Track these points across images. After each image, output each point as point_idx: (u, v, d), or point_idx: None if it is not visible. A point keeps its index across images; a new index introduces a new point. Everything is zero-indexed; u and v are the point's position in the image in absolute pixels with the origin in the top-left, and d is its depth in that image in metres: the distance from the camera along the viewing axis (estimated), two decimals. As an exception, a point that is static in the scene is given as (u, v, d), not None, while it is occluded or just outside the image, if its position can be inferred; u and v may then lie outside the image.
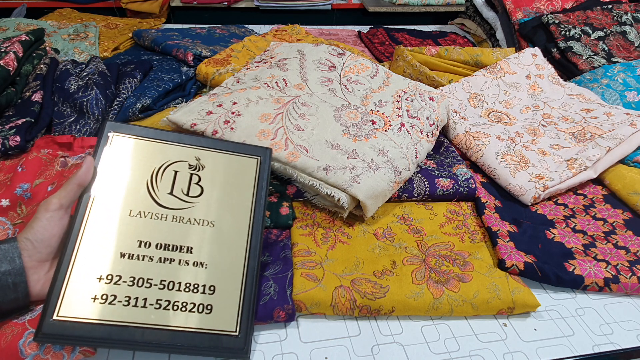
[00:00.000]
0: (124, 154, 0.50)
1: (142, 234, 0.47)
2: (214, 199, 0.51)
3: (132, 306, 0.43)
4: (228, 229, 0.50)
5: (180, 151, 0.52)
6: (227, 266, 0.48)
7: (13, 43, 0.81)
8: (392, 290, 0.54)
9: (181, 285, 0.45)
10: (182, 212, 0.49)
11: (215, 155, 0.53)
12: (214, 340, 0.44)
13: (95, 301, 0.42)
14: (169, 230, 0.48)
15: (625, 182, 0.73)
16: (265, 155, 0.55)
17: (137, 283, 0.44)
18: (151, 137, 0.52)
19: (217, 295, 0.46)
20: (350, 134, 0.66)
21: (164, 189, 0.49)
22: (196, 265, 0.47)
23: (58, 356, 0.44)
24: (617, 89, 0.93)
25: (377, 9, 1.86)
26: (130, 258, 0.45)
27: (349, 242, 0.61)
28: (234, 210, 0.51)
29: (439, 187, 0.68)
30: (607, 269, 0.59)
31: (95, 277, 0.43)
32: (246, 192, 0.52)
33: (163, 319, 0.44)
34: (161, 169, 0.50)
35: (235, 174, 0.53)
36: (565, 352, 0.51)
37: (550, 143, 0.80)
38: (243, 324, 0.46)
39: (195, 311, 0.45)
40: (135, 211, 0.47)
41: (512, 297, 0.54)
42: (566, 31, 1.10)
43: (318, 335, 0.51)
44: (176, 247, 0.47)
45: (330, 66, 0.78)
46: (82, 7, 1.51)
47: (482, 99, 0.91)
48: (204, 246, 0.48)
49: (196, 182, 0.51)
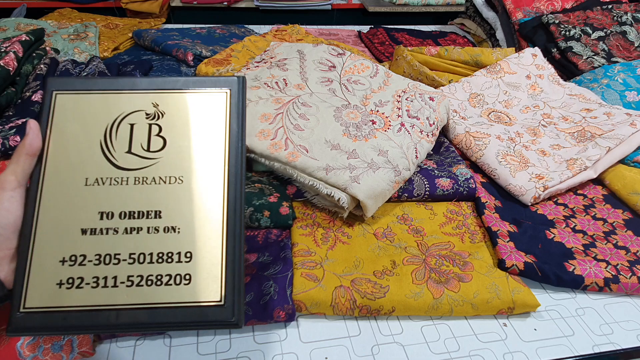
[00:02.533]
0: (71, 113, 0.44)
1: (102, 204, 0.41)
2: (180, 149, 0.44)
3: (101, 287, 0.39)
4: (199, 183, 0.43)
5: (134, 99, 0.45)
6: (203, 227, 0.42)
7: (13, 43, 0.81)
8: (392, 290, 0.54)
9: (153, 256, 0.40)
10: (144, 171, 0.43)
11: (176, 97, 0.46)
12: (198, 313, 0.40)
13: (62, 287, 0.39)
14: (132, 195, 0.42)
15: (625, 182, 0.73)
16: (236, 86, 0.47)
17: (103, 261, 0.40)
18: (99, 89, 0.45)
19: (195, 262, 0.41)
20: (350, 134, 0.66)
21: (121, 148, 0.43)
22: (167, 230, 0.41)
23: (57, 357, 0.44)
24: (617, 89, 0.93)
25: (377, 9, 1.86)
26: (93, 233, 0.40)
27: (349, 242, 0.61)
28: (204, 160, 0.44)
29: (439, 187, 0.68)
30: (607, 269, 0.59)
31: (57, 260, 0.39)
32: (217, 134, 0.45)
33: (138, 296, 0.39)
34: (115, 125, 0.44)
35: (201, 116, 0.45)
36: (565, 352, 0.51)
37: (550, 143, 0.80)
38: (229, 292, 0.40)
39: (172, 283, 0.40)
40: (91, 179, 0.42)
41: (512, 297, 0.54)
42: (566, 31, 1.10)
43: (318, 335, 0.51)
44: (142, 214, 0.41)
45: (330, 66, 0.78)
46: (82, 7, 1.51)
47: (482, 99, 0.91)
48: (174, 207, 0.42)
49: (156, 133, 0.44)
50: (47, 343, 0.45)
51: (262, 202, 0.61)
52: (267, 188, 0.64)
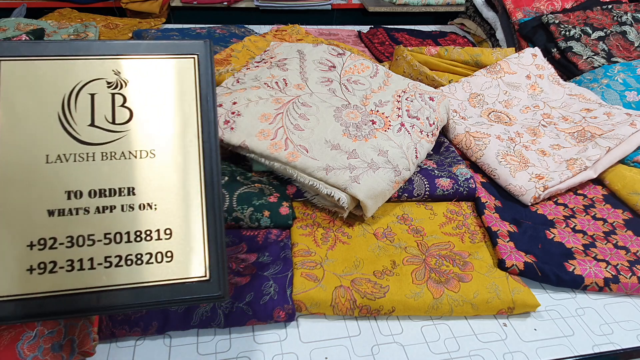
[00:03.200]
0: (21, 82, 0.39)
1: (68, 182, 0.38)
2: (148, 121, 0.41)
3: (77, 270, 0.37)
4: (173, 155, 0.41)
5: (92, 66, 0.41)
6: (181, 202, 0.40)
7: (13, 43, 0.81)
8: (392, 290, 0.54)
9: (130, 235, 0.38)
10: (111, 145, 0.40)
11: (139, 64, 0.42)
12: (184, 289, 0.38)
13: (33, 272, 0.37)
14: (100, 172, 0.39)
15: (625, 182, 0.73)
16: (204, 51, 0.44)
17: (76, 242, 0.37)
18: (51, 54, 0.40)
19: (175, 238, 0.39)
20: (350, 134, 0.66)
21: (82, 121, 0.40)
22: (143, 208, 0.39)
23: (57, 357, 0.44)
24: (617, 89, 0.93)
25: (377, 9, 1.86)
26: (62, 214, 0.38)
27: (349, 242, 0.61)
28: (175, 132, 0.41)
29: (439, 187, 0.68)
30: (607, 269, 0.59)
31: (24, 245, 0.37)
32: (187, 104, 0.42)
33: (118, 277, 0.38)
34: (72, 95, 0.40)
35: (168, 84, 0.42)
36: (565, 352, 0.51)
37: (550, 143, 0.80)
38: (213, 266, 0.39)
39: (153, 262, 0.38)
40: (53, 155, 0.38)
41: (512, 297, 0.54)
42: (566, 31, 1.10)
43: (318, 335, 0.51)
44: (114, 191, 0.39)
45: (330, 66, 0.78)
46: (82, 7, 1.51)
47: (482, 99, 0.91)
48: (148, 183, 0.40)
49: (121, 103, 0.41)
50: (47, 343, 0.45)
51: (262, 202, 0.61)
52: (267, 188, 0.64)
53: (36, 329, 0.45)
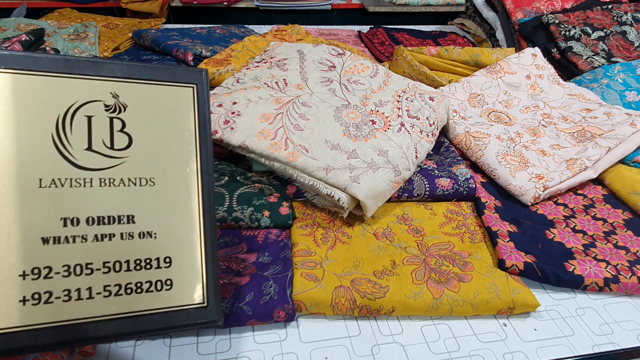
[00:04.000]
0: (11, 97, 0.36)
1: (64, 209, 0.36)
2: (148, 148, 0.40)
3: (75, 300, 0.36)
4: (173, 184, 0.40)
5: (89, 86, 0.39)
6: (180, 230, 0.40)
7: (13, 43, 0.81)
8: (392, 290, 0.54)
9: (129, 263, 0.38)
10: (110, 171, 0.38)
11: (138, 89, 0.41)
12: (182, 317, 0.39)
13: (27, 304, 0.35)
14: (98, 199, 0.38)
15: (625, 182, 0.73)
16: (202, 81, 0.43)
17: (73, 272, 0.36)
18: (45, 70, 0.38)
19: (175, 267, 0.39)
20: (350, 134, 0.66)
21: (79, 144, 0.38)
22: (143, 236, 0.39)
23: (57, 357, 0.44)
24: (617, 89, 0.93)
25: (377, 9, 1.86)
26: (57, 242, 0.36)
27: (349, 242, 0.61)
28: (175, 160, 0.41)
29: (439, 187, 0.68)
30: (607, 269, 0.59)
31: (16, 274, 0.35)
32: (186, 133, 0.42)
33: (118, 306, 0.37)
34: (68, 116, 0.38)
35: (168, 111, 0.41)
36: (565, 352, 0.51)
37: (550, 143, 0.80)
38: (210, 293, 0.40)
39: (153, 290, 0.38)
40: (46, 180, 0.36)
41: (512, 297, 0.54)
42: (566, 31, 1.10)
43: (318, 335, 0.51)
44: (113, 219, 0.38)
45: (330, 66, 0.78)
46: (82, 7, 1.51)
47: (482, 99, 0.91)
48: (148, 211, 0.39)
49: (120, 128, 0.39)
50: (47, 343, 0.45)
51: (262, 202, 0.61)
52: (267, 188, 0.64)
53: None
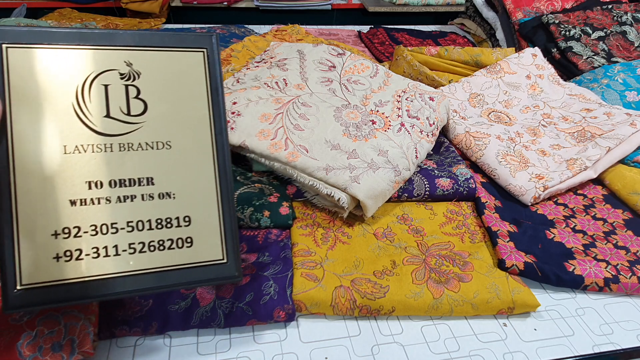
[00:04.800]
0: (30, 71, 0.38)
1: (88, 173, 0.39)
2: (162, 113, 0.42)
3: (103, 257, 0.38)
4: (188, 147, 0.42)
5: (104, 57, 0.40)
6: (198, 191, 0.42)
7: (13, 43, 0.81)
8: (392, 290, 0.54)
9: (151, 222, 0.40)
10: (128, 137, 0.40)
11: (151, 56, 0.42)
12: (203, 272, 0.41)
13: (60, 260, 0.37)
14: (119, 163, 0.40)
15: (625, 182, 0.73)
16: (212, 45, 0.44)
17: (100, 231, 0.39)
18: (61, 43, 0.39)
19: (194, 225, 0.41)
20: (350, 134, 0.66)
21: (98, 112, 0.40)
22: (162, 197, 0.41)
23: (57, 357, 0.44)
24: (617, 89, 0.93)
25: (377, 9, 1.86)
26: (84, 204, 0.38)
27: (349, 242, 0.61)
28: (189, 124, 0.43)
29: (439, 187, 0.68)
30: (607, 269, 0.59)
31: (49, 234, 0.37)
32: (198, 97, 0.43)
33: (143, 262, 0.39)
34: (86, 85, 0.40)
35: (180, 77, 0.43)
36: (565, 352, 0.51)
37: (550, 143, 0.80)
38: (229, 249, 0.42)
39: (175, 247, 0.41)
40: (70, 146, 0.39)
41: (512, 297, 0.54)
42: (566, 31, 1.10)
43: (318, 335, 0.51)
44: (134, 181, 0.40)
45: (330, 66, 0.78)
46: (82, 7, 1.51)
47: (482, 99, 0.91)
48: (166, 173, 0.41)
49: (135, 95, 0.41)
50: (47, 343, 0.45)
51: (262, 202, 0.61)
52: (267, 188, 0.64)
53: (36, 329, 0.45)
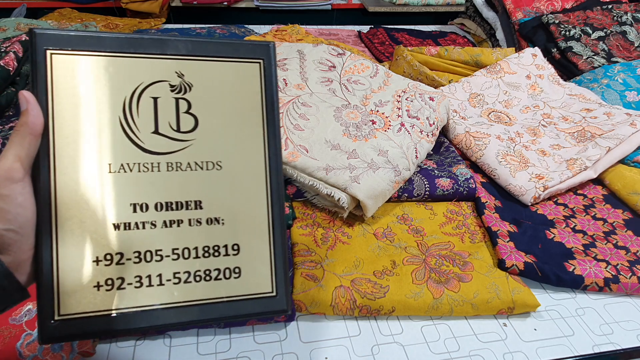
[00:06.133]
0: (75, 80, 0.35)
1: (133, 194, 0.36)
2: (214, 130, 0.38)
3: (146, 286, 0.35)
4: (240, 168, 0.38)
5: (154, 66, 0.37)
6: (248, 217, 0.38)
7: (13, 43, 0.81)
8: (392, 290, 0.54)
9: (198, 250, 0.37)
10: (176, 155, 0.37)
11: (203, 66, 0.39)
12: (251, 306, 0.37)
13: (100, 289, 0.34)
14: (166, 184, 0.37)
15: (625, 182, 0.73)
16: (269, 56, 0.40)
17: (144, 258, 0.36)
18: (109, 50, 0.36)
19: (243, 254, 0.38)
20: (350, 134, 0.66)
21: (146, 127, 0.36)
22: (210, 222, 0.37)
23: (57, 357, 0.44)
24: (617, 89, 0.93)
25: (377, 9, 1.86)
26: (128, 228, 0.35)
27: (349, 242, 0.61)
28: (242, 142, 0.39)
29: (439, 187, 0.68)
30: (607, 269, 0.59)
31: (90, 260, 0.35)
32: (253, 113, 0.39)
33: (187, 294, 0.36)
34: (134, 98, 0.37)
35: (234, 90, 0.39)
36: (565, 352, 0.51)
37: (550, 143, 0.80)
38: (279, 281, 0.38)
39: (222, 278, 0.37)
40: (115, 165, 0.35)
41: (512, 297, 0.54)
42: (566, 31, 1.10)
43: (318, 335, 0.51)
44: (181, 205, 0.37)
45: (330, 66, 0.78)
46: (82, 7, 1.51)
47: (482, 99, 0.91)
48: (215, 196, 0.38)
49: (185, 110, 0.38)
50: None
51: (262, 202, 0.61)
52: (267, 188, 0.64)
53: (36, 329, 0.45)
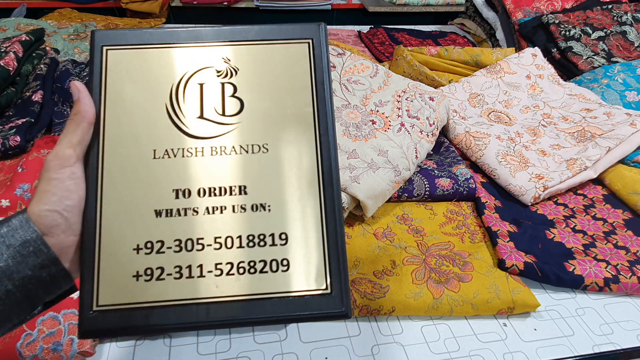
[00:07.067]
0: (127, 72, 0.37)
1: (176, 180, 0.35)
2: (260, 112, 0.37)
3: (186, 278, 0.33)
4: (288, 150, 0.37)
5: (201, 54, 0.38)
6: (297, 202, 0.36)
7: (13, 43, 0.81)
8: (392, 290, 0.54)
9: (242, 239, 0.34)
10: (221, 139, 0.36)
11: (249, 50, 0.39)
12: (302, 304, 0.34)
13: (139, 279, 0.33)
14: (209, 169, 0.36)
15: (625, 182, 0.73)
16: (319, 35, 0.39)
17: (185, 247, 0.34)
18: (158, 42, 0.38)
19: (291, 244, 0.35)
20: (350, 134, 0.66)
21: (192, 113, 0.37)
22: (256, 209, 0.35)
23: (57, 357, 0.44)
24: (617, 89, 0.93)
25: (377, 9, 1.86)
26: (169, 215, 0.34)
27: (349, 242, 0.61)
28: (290, 123, 0.37)
29: (439, 187, 0.68)
30: (607, 269, 0.59)
31: (131, 248, 0.34)
32: (302, 93, 0.38)
33: (230, 287, 0.34)
34: (181, 85, 0.37)
35: (282, 71, 0.39)
36: (565, 352, 0.51)
37: (550, 143, 0.80)
38: (334, 277, 0.35)
39: (267, 271, 0.34)
40: (160, 150, 0.36)
41: (512, 297, 0.54)
42: (566, 31, 1.10)
43: (318, 335, 0.51)
44: (225, 190, 0.35)
45: (330, 66, 0.78)
46: (82, 7, 1.51)
47: (482, 99, 0.91)
48: (261, 181, 0.36)
49: (231, 93, 0.38)
50: (47, 343, 0.45)
51: (262, 202, 0.61)
52: (267, 188, 0.64)
53: (36, 329, 0.45)
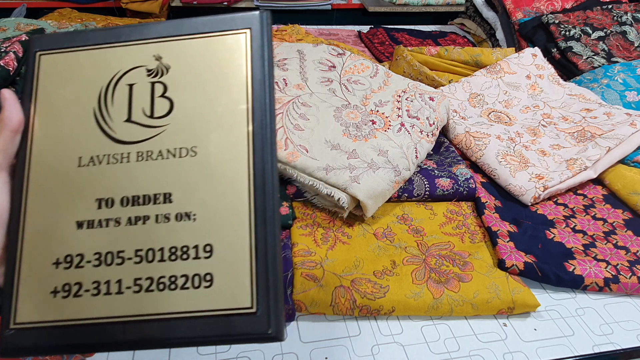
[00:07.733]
0: (59, 76, 0.35)
1: (99, 189, 0.33)
2: (190, 112, 0.34)
3: (103, 294, 0.31)
4: (217, 153, 0.33)
5: (132, 53, 0.36)
6: (224, 211, 0.32)
7: (13, 43, 0.81)
8: (392, 290, 0.54)
9: (163, 252, 0.32)
10: (148, 143, 0.34)
11: (182, 45, 0.36)
12: (224, 324, 0.30)
13: (57, 296, 0.31)
14: (134, 176, 0.33)
15: (625, 182, 0.73)
16: (259, 25, 0.36)
17: (105, 261, 0.32)
18: (93, 43, 0.36)
19: (216, 257, 0.32)
20: (350, 134, 0.66)
21: (119, 116, 0.34)
22: (180, 218, 0.32)
23: (57, 357, 0.44)
24: (617, 89, 0.93)
25: (377, 9, 1.86)
26: (91, 227, 0.32)
27: (349, 242, 0.61)
28: (221, 124, 0.34)
29: (439, 187, 0.68)
30: (607, 269, 0.59)
31: (50, 262, 0.32)
32: (235, 90, 0.34)
33: (147, 305, 0.31)
34: (110, 87, 0.35)
35: (215, 67, 0.35)
36: (565, 352, 0.51)
37: (550, 143, 0.80)
38: (261, 295, 0.30)
39: (189, 286, 0.31)
40: (86, 158, 0.33)
41: (512, 297, 0.54)
42: (566, 31, 1.10)
43: (318, 335, 0.51)
44: (148, 198, 0.33)
45: (330, 66, 0.78)
46: (82, 7, 1.51)
47: (482, 99, 0.91)
48: (187, 187, 0.33)
49: (161, 93, 0.35)
50: (46, 343, 0.45)
51: (262, 202, 0.61)
52: (267, 188, 0.64)
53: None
